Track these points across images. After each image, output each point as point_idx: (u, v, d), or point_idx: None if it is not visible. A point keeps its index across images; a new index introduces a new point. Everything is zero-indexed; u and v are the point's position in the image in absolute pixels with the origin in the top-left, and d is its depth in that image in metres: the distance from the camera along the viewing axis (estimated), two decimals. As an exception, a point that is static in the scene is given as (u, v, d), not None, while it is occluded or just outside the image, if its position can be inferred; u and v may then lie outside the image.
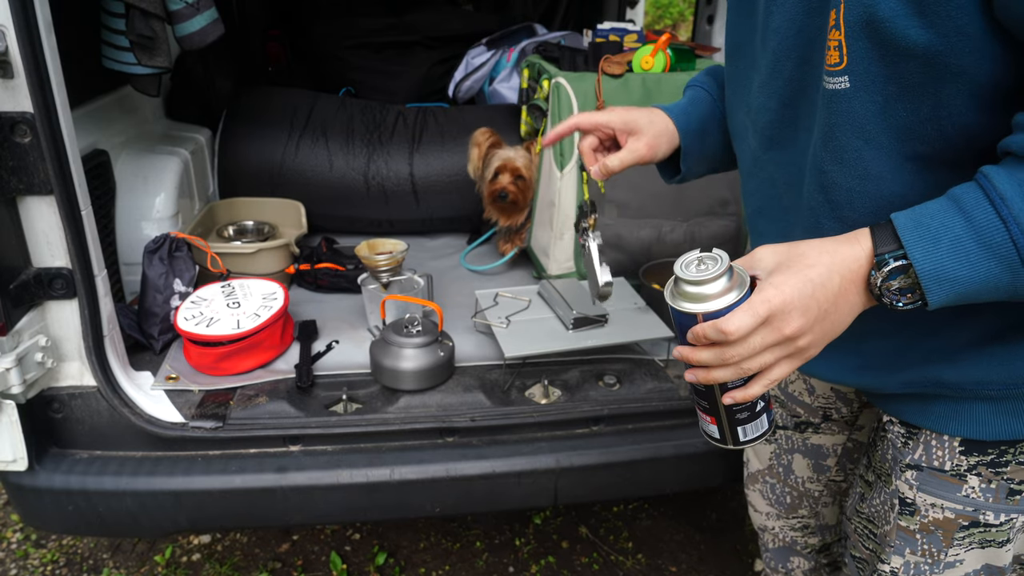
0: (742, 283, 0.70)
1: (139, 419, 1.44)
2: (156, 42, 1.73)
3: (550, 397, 1.59)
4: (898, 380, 0.89)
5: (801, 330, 0.69)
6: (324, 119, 2.35)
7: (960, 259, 0.65)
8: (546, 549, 2.11)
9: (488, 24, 3.05)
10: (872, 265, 0.68)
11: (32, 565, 2.03)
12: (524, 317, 1.74)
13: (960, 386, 0.84)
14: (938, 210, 0.67)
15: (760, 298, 0.68)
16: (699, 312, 0.70)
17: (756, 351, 0.69)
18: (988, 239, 0.64)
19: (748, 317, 0.67)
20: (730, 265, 0.70)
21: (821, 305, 0.68)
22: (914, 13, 0.66)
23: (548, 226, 1.98)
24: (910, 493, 0.93)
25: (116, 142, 1.93)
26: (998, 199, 0.64)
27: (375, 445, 1.52)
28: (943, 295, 0.66)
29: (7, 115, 1.21)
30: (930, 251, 0.65)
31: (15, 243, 1.31)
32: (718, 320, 0.68)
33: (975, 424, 0.85)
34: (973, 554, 0.92)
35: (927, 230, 0.66)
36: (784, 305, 0.67)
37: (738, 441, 0.81)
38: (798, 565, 1.36)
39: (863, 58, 0.71)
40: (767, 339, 0.69)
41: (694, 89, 1.14)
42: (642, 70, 1.92)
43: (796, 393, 1.18)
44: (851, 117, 0.75)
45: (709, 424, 0.82)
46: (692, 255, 0.73)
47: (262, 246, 1.97)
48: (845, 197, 0.79)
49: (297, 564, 2.04)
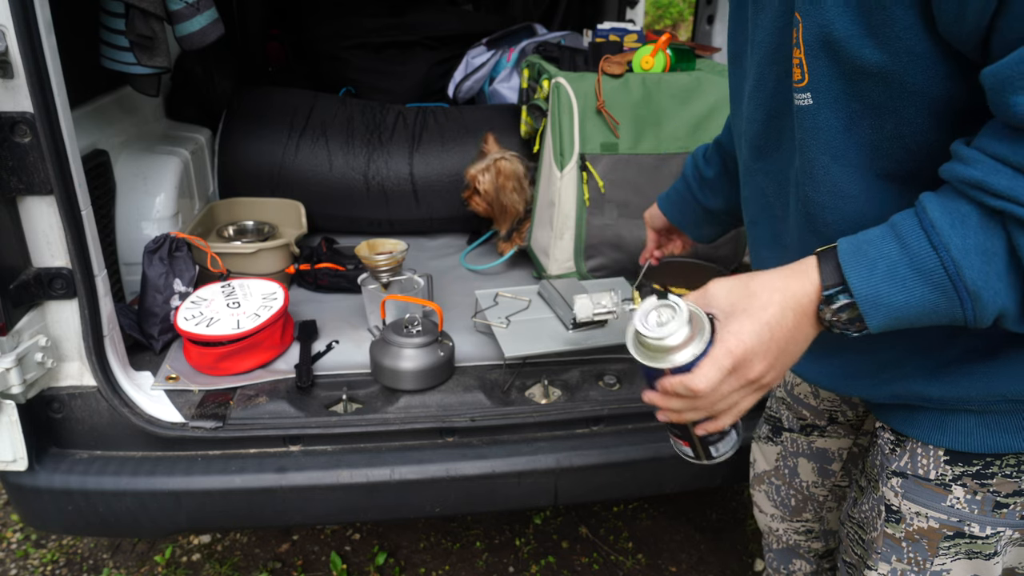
0: (702, 328, 0.72)
1: (139, 419, 1.44)
2: (156, 42, 1.73)
3: (550, 397, 1.59)
4: (884, 392, 0.90)
5: (763, 371, 0.72)
6: (324, 119, 2.35)
7: (895, 285, 0.66)
8: (546, 549, 2.11)
9: (488, 24, 3.05)
10: (821, 300, 0.70)
11: (32, 565, 2.03)
12: (524, 317, 1.74)
13: (943, 400, 0.84)
14: (877, 237, 0.69)
15: (723, 350, 0.70)
16: (666, 368, 0.72)
17: (723, 396, 0.72)
18: (921, 266, 0.66)
19: (715, 372, 0.70)
20: (689, 312, 0.72)
21: (779, 344, 0.71)
22: (866, 34, 0.67)
23: (548, 226, 1.98)
24: (895, 500, 0.93)
25: (116, 142, 1.93)
26: (930, 227, 0.65)
27: (375, 445, 1.52)
28: (880, 319, 0.68)
29: (7, 115, 1.21)
30: (866, 277, 0.67)
31: (15, 243, 1.31)
32: (686, 378, 0.70)
33: (960, 436, 0.85)
34: (960, 564, 0.91)
35: (865, 256, 0.68)
36: (746, 353, 0.70)
37: (711, 457, 0.85)
38: (800, 568, 1.35)
39: (824, 76, 0.73)
40: (733, 385, 0.72)
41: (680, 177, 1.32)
42: (642, 70, 1.92)
43: (802, 396, 1.18)
44: (817, 133, 0.76)
45: (683, 446, 0.87)
46: (649, 304, 0.74)
47: (262, 246, 1.97)
48: (819, 213, 0.81)
49: (297, 564, 2.04)
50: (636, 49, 1.94)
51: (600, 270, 1.99)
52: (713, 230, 1.33)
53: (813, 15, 0.70)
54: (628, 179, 1.91)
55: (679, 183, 1.32)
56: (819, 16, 0.70)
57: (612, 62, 1.91)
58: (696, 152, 1.30)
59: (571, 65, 1.99)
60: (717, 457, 0.85)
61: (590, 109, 1.88)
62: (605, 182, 1.90)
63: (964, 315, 0.67)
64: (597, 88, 1.87)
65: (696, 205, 1.29)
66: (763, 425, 1.29)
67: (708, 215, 1.29)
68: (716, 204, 1.26)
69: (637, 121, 1.90)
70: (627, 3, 3.31)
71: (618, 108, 1.88)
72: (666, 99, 1.90)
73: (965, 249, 0.64)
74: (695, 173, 1.28)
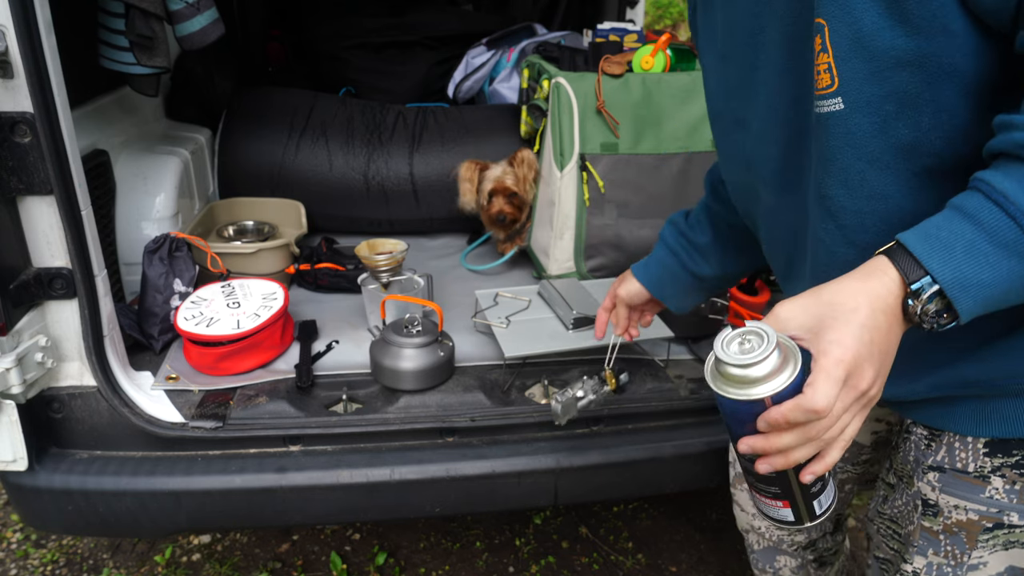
0: (792, 351, 0.65)
1: (139, 419, 1.44)
2: (156, 42, 1.73)
3: (550, 397, 1.59)
4: (925, 384, 0.88)
5: (873, 379, 0.66)
6: (324, 119, 2.35)
7: (979, 263, 0.64)
8: (546, 549, 2.11)
9: (488, 24, 3.05)
10: (907, 294, 0.66)
11: (32, 565, 2.03)
12: (524, 317, 1.74)
13: (988, 383, 0.83)
14: (943, 221, 0.66)
15: (831, 361, 0.64)
16: (765, 396, 0.64)
17: (839, 417, 0.66)
18: (1001, 238, 0.63)
19: (831, 385, 0.63)
20: (777, 338, 0.64)
21: (880, 347, 0.66)
22: (898, 23, 0.67)
23: (548, 226, 1.98)
24: (932, 495, 0.93)
25: (116, 142, 1.93)
26: (1001, 198, 0.63)
27: (375, 445, 1.52)
28: (970, 302, 0.65)
29: (7, 115, 1.21)
30: (947, 260, 0.64)
31: (15, 243, 1.31)
32: (801, 399, 0.63)
33: (1001, 423, 0.84)
34: (997, 556, 0.91)
35: (938, 241, 0.65)
36: (856, 359, 0.64)
37: (815, 516, 0.75)
38: (785, 564, 1.36)
39: (855, 77, 0.71)
40: (847, 400, 0.66)
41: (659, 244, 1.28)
42: (642, 70, 1.92)
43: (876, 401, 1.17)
44: (849, 139, 0.75)
45: (781, 509, 0.75)
46: (727, 334, 0.66)
47: (262, 246, 1.97)
48: (855, 220, 0.79)
49: (297, 564, 2.04)
50: (636, 49, 1.95)
51: (600, 270, 1.99)
52: (699, 297, 1.29)
53: (839, 15, 0.70)
54: (628, 179, 1.91)
55: (661, 253, 1.25)
56: (846, 15, 0.69)
57: (612, 62, 1.91)
58: (675, 219, 1.26)
59: (571, 65, 1.99)
60: (820, 514, 0.74)
61: (590, 109, 1.88)
62: (605, 182, 1.90)
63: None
64: (597, 88, 1.87)
65: (685, 274, 1.23)
66: None
67: (698, 283, 1.24)
68: (708, 271, 1.22)
69: (637, 121, 1.90)
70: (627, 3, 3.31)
71: (618, 108, 1.88)
72: (666, 99, 1.90)
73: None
74: (681, 241, 1.23)
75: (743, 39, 0.87)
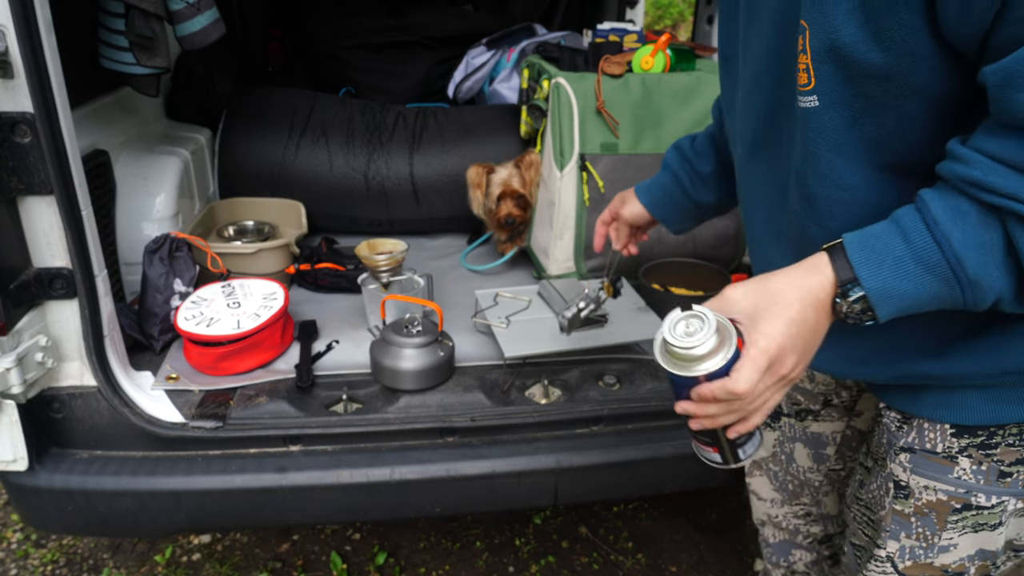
0: (728, 333, 0.74)
1: (139, 419, 1.44)
2: (156, 42, 1.73)
3: (550, 397, 1.59)
4: (889, 373, 0.93)
5: (794, 366, 0.76)
6: (324, 119, 2.35)
7: (902, 278, 0.71)
8: (546, 549, 2.11)
9: (488, 24, 3.05)
10: (837, 293, 0.75)
11: (32, 565, 2.03)
12: (524, 317, 1.74)
13: (946, 378, 0.88)
14: (883, 232, 0.74)
15: (758, 351, 0.73)
16: (700, 374, 0.74)
17: (760, 395, 0.76)
18: (925, 260, 0.71)
19: (754, 372, 0.73)
20: (716, 321, 0.74)
21: (804, 338, 0.75)
22: (872, 39, 0.71)
23: (548, 226, 1.98)
24: (904, 476, 0.96)
25: (116, 142, 1.93)
26: (932, 223, 0.70)
27: (375, 445, 1.52)
28: (889, 309, 0.73)
29: (7, 115, 1.21)
30: (875, 271, 0.72)
31: (15, 243, 1.31)
32: (727, 382, 0.73)
33: (964, 411, 0.89)
34: (967, 538, 0.94)
35: (872, 251, 0.73)
36: (780, 350, 0.74)
37: (739, 460, 0.87)
38: (800, 558, 1.36)
39: (829, 79, 0.76)
40: (768, 383, 0.75)
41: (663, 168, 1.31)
42: (642, 70, 1.92)
43: (797, 380, 1.19)
44: (823, 132, 0.80)
45: (711, 452, 0.88)
46: (675, 316, 0.76)
47: (262, 246, 1.97)
48: (825, 206, 0.85)
49: (297, 564, 2.04)
50: (636, 49, 1.95)
51: (600, 270, 1.99)
52: (695, 222, 1.34)
53: (820, 23, 0.74)
54: (628, 179, 1.91)
55: (664, 178, 1.31)
56: (826, 24, 0.74)
57: (612, 62, 1.91)
58: (681, 144, 1.29)
59: (571, 65, 1.99)
60: (744, 459, 0.87)
61: (590, 109, 1.88)
62: (605, 182, 1.90)
63: (964, 301, 0.72)
64: (597, 88, 1.87)
65: (686, 200, 1.28)
66: None
67: (696, 209, 1.29)
68: (708, 199, 1.26)
69: (637, 121, 1.90)
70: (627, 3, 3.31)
71: (618, 108, 1.88)
72: (666, 99, 1.90)
73: (965, 243, 0.69)
74: (685, 167, 1.27)
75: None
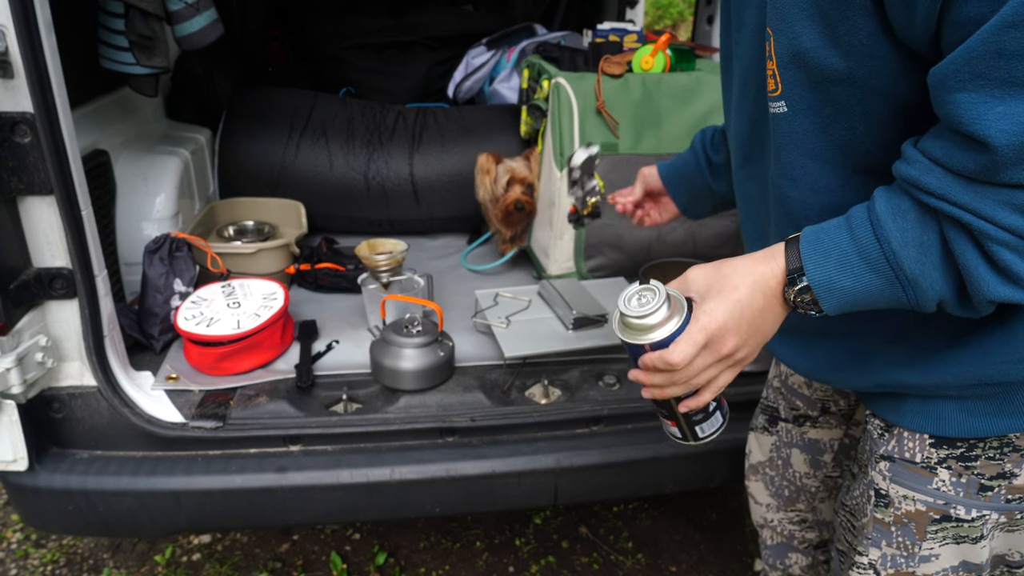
0: (680, 308, 0.78)
1: (139, 419, 1.44)
2: (155, 42, 1.73)
3: (550, 397, 1.59)
4: (869, 381, 0.93)
5: (736, 347, 0.78)
6: (324, 119, 2.35)
7: (845, 272, 0.73)
8: (546, 549, 2.11)
9: (488, 24, 3.05)
10: (785, 282, 0.76)
11: (32, 565, 2.03)
12: (524, 317, 1.74)
13: (922, 387, 0.88)
14: (833, 227, 0.75)
15: (697, 327, 0.76)
16: (646, 343, 0.78)
17: (700, 371, 0.78)
18: (867, 255, 0.72)
19: (689, 347, 0.76)
20: (667, 294, 0.78)
21: (750, 322, 0.77)
22: (831, 45, 0.73)
23: (548, 226, 1.98)
24: (883, 484, 0.96)
25: (116, 142, 1.93)
26: (875, 220, 0.71)
27: (375, 445, 1.52)
28: (834, 302, 0.74)
29: (7, 115, 1.21)
30: (821, 264, 0.74)
31: (15, 243, 1.31)
32: (663, 352, 0.77)
33: (941, 422, 0.88)
34: (948, 549, 0.93)
35: (821, 244, 0.74)
36: (719, 329, 0.76)
37: (698, 438, 0.91)
38: (796, 561, 1.36)
39: (795, 85, 0.78)
40: (708, 360, 0.78)
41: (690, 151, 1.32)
42: (642, 70, 1.92)
43: (795, 386, 1.20)
44: (793, 137, 0.81)
45: (671, 427, 0.92)
46: (632, 289, 0.80)
47: (262, 246, 1.97)
48: (799, 209, 0.87)
49: (297, 564, 2.04)
50: (636, 49, 1.95)
51: (600, 270, 1.99)
52: (707, 209, 1.35)
53: (783, 29, 0.76)
54: (628, 179, 1.89)
55: (687, 156, 1.31)
56: (788, 30, 0.75)
57: (612, 62, 1.91)
58: (706, 131, 1.31)
59: (571, 65, 1.99)
60: (703, 438, 0.90)
61: (590, 109, 1.88)
62: (605, 182, 1.89)
63: (907, 300, 0.73)
64: (597, 88, 1.87)
65: (702, 182, 1.29)
66: (759, 415, 1.30)
67: (710, 195, 1.30)
68: (721, 187, 1.27)
69: (637, 121, 1.90)
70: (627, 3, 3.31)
71: (618, 108, 1.88)
72: (666, 99, 1.90)
73: (904, 241, 0.70)
74: (704, 154, 1.28)
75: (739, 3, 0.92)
